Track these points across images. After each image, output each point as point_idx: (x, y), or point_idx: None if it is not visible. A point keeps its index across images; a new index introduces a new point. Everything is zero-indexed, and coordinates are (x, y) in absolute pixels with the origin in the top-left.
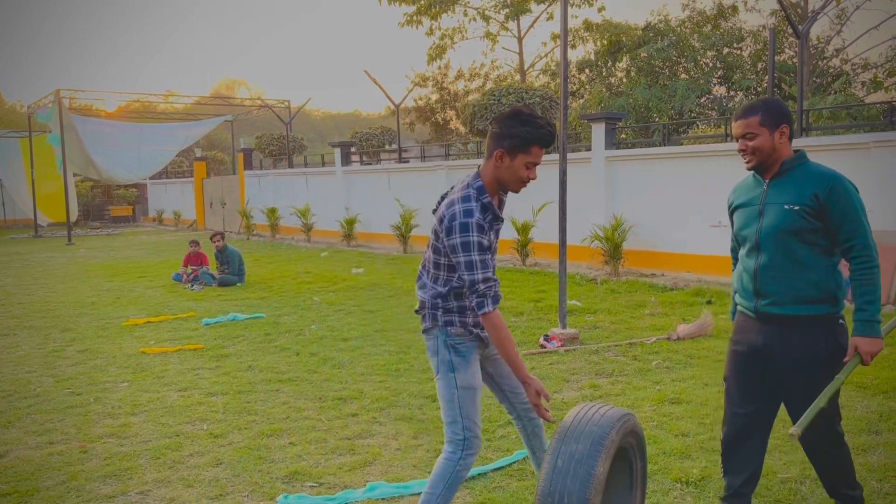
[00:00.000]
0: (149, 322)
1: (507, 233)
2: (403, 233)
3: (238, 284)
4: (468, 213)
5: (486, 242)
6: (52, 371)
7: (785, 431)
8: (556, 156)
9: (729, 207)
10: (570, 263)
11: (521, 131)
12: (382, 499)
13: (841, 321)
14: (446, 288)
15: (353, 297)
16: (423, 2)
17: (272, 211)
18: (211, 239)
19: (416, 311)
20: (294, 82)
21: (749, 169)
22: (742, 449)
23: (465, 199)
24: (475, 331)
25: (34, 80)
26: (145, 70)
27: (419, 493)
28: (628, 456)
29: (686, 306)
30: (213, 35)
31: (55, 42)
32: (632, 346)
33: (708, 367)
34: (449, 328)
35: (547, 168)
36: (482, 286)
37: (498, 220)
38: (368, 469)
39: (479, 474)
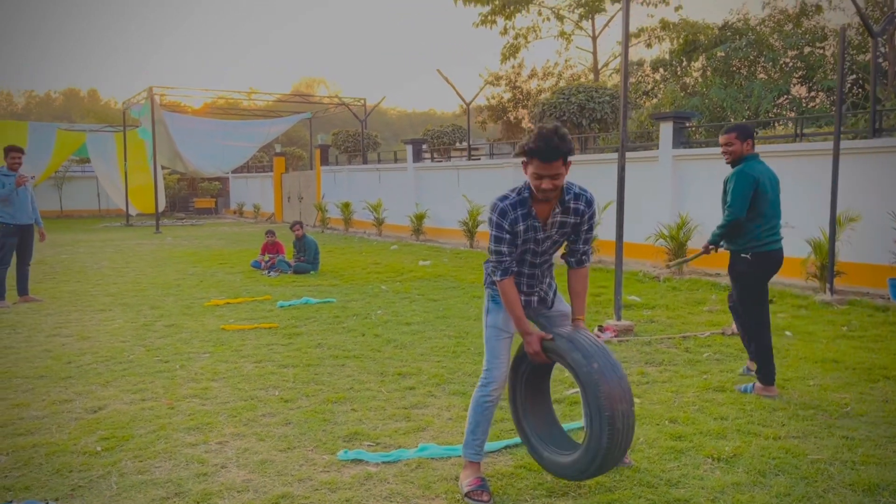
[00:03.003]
0: (228, 303)
1: None
2: (470, 228)
3: (312, 272)
4: (495, 205)
5: (505, 226)
6: (143, 342)
7: (820, 419)
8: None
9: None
10: (634, 261)
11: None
12: (432, 458)
13: (742, 254)
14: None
15: (419, 286)
16: (497, 2)
17: (346, 205)
18: (291, 227)
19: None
20: (371, 81)
21: (727, 163)
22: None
23: (513, 189)
24: (531, 301)
25: (127, 79)
26: (230, 69)
27: None
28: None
29: None
30: (296, 35)
31: (147, 43)
32: (685, 339)
33: None
34: (492, 286)
35: (611, 167)
36: (494, 257)
37: (535, 218)
38: (421, 434)
39: (521, 443)
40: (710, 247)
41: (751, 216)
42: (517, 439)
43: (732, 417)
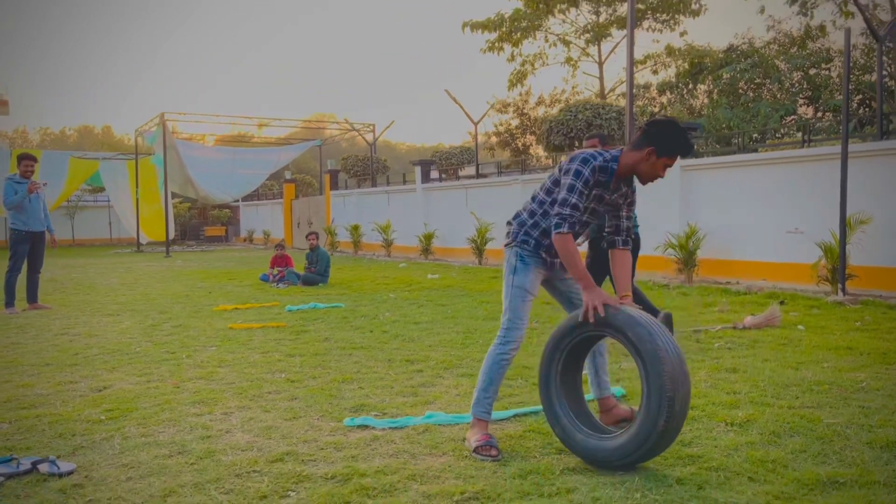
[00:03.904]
0: (237, 308)
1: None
2: (479, 246)
3: (321, 284)
4: (588, 160)
5: (591, 182)
6: (151, 338)
7: (835, 393)
8: None
9: None
10: (643, 272)
11: (673, 140)
12: (439, 425)
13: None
14: (532, 220)
15: (427, 295)
16: (504, 28)
17: (355, 228)
18: (307, 237)
19: (507, 224)
20: (380, 112)
21: None
22: None
23: (599, 152)
24: (542, 254)
25: (141, 116)
26: (242, 108)
27: None
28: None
29: (758, 306)
30: (306, 71)
31: (161, 81)
32: (696, 332)
33: (770, 349)
34: (523, 245)
35: None
36: (567, 209)
37: (606, 187)
38: (429, 407)
39: (532, 412)
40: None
41: None
42: (526, 409)
43: (745, 392)
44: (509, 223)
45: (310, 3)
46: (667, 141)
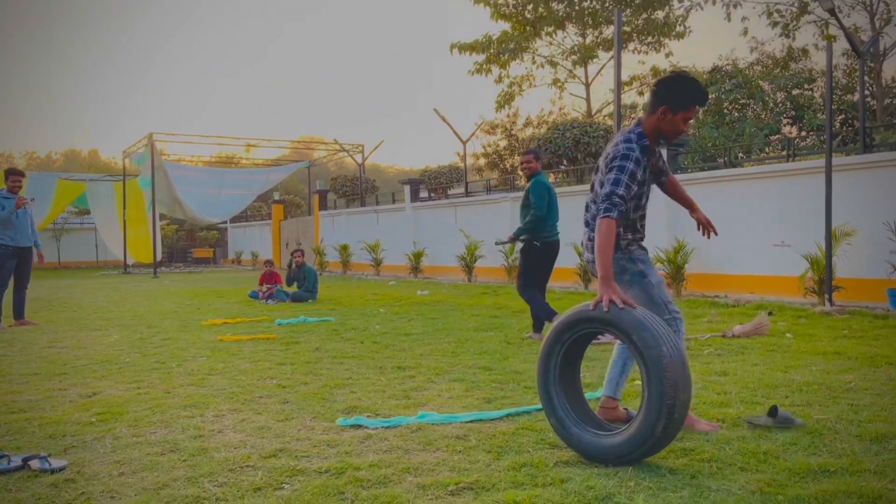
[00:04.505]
0: (226, 323)
1: (570, 259)
2: (468, 263)
3: (310, 301)
4: (627, 154)
5: (638, 175)
6: (140, 350)
7: (824, 393)
8: None
9: None
10: None
11: (684, 93)
12: (432, 424)
13: (535, 242)
14: (620, 225)
15: (417, 309)
16: (492, 50)
17: (344, 247)
18: (292, 254)
19: (589, 241)
20: (368, 135)
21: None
22: None
23: (627, 140)
24: (634, 246)
25: (128, 140)
26: (231, 131)
27: (469, 422)
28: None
29: (746, 317)
30: (293, 96)
31: (149, 105)
32: (686, 341)
33: (759, 354)
34: (630, 248)
35: None
36: (616, 198)
37: (652, 160)
38: (421, 409)
39: (524, 412)
40: (515, 238)
41: None
42: (518, 409)
43: (735, 392)
44: (592, 239)
45: (299, 26)
46: (677, 95)
